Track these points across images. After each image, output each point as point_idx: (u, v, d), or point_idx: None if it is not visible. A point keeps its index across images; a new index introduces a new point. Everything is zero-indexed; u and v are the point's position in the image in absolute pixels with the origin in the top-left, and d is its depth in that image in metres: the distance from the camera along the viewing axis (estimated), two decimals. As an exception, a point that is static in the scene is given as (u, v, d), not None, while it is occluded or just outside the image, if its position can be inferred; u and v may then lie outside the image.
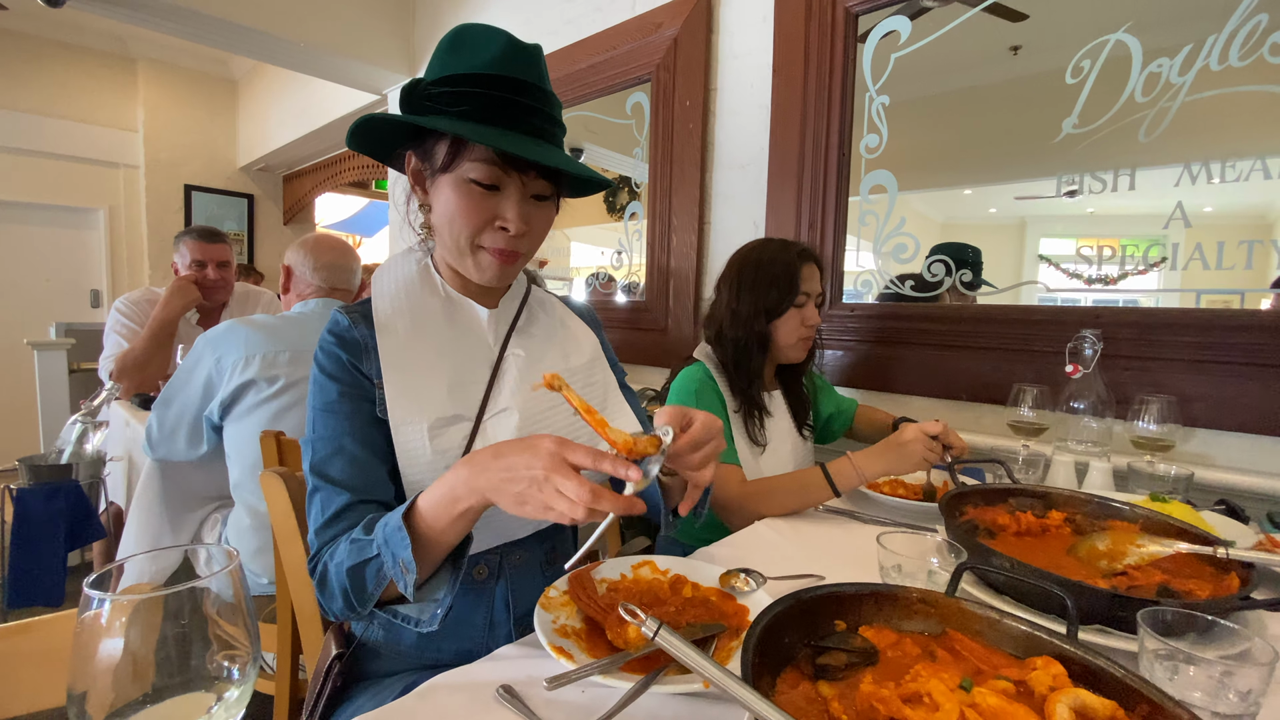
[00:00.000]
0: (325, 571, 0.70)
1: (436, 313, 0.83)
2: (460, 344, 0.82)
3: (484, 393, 0.80)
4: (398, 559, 0.63)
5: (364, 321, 0.80)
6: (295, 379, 1.52)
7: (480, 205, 0.76)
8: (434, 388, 0.77)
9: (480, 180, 0.74)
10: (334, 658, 0.79)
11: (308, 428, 0.77)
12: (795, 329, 1.32)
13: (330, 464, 0.74)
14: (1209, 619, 0.56)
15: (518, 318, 0.89)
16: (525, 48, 0.75)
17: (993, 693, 0.48)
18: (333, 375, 0.77)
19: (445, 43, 0.75)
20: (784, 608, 0.55)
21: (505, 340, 0.86)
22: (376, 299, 0.82)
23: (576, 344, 0.93)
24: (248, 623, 0.41)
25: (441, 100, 0.73)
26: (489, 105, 0.72)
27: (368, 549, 0.66)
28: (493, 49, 0.73)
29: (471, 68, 0.72)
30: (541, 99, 0.75)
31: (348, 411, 0.76)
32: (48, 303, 4.69)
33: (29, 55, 4.48)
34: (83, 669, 0.37)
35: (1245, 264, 1.19)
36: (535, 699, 0.56)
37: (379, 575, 0.66)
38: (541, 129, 0.76)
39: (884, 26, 1.61)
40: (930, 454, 1.08)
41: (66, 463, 1.81)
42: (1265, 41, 1.14)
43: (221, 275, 2.31)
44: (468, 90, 0.72)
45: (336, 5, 2.96)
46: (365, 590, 0.67)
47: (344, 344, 0.78)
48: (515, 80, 0.73)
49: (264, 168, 5.40)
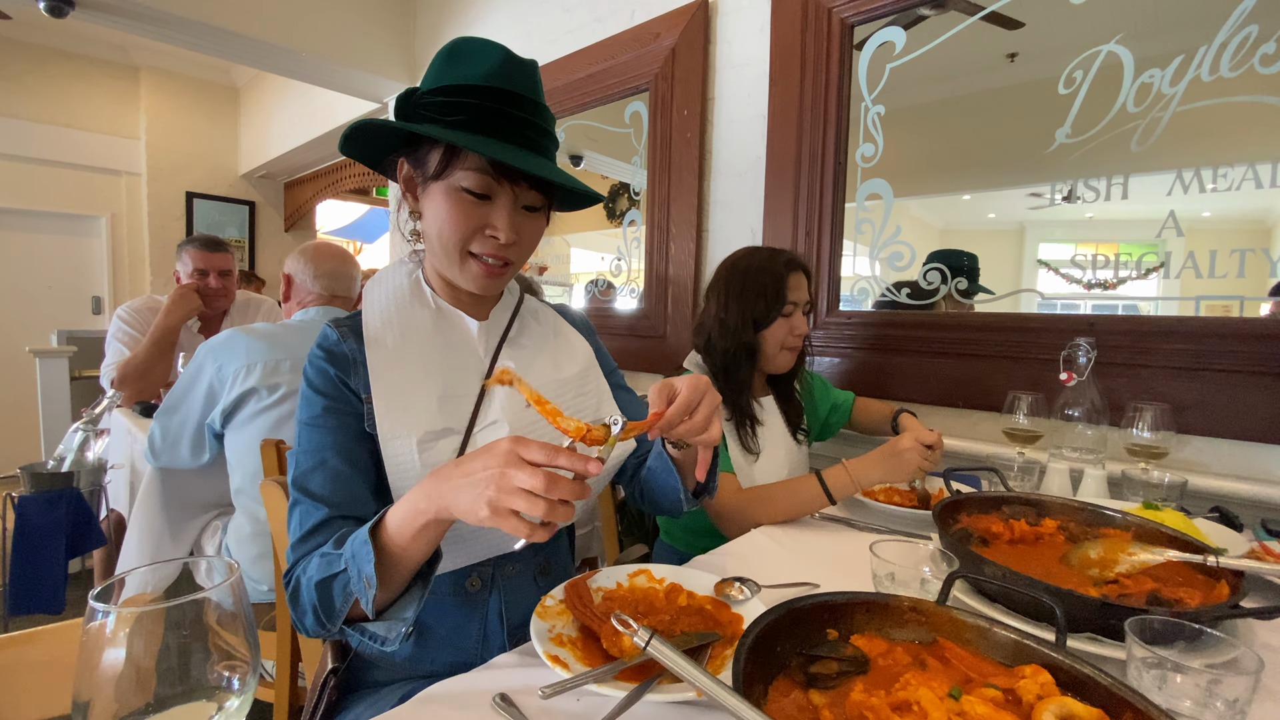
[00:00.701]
0: (298, 586, 0.69)
1: (427, 325, 0.83)
2: (450, 356, 0.82)
3: (474, 406, 0.80)
4: (361, 573, 0.62)
5: (353, 335, 0.80)
6: (296, 387, 1.52)
7: (471, 213, 0.76)
8: (424, 401, 0.77)
9: (472, 189, 0.75)
10: (329, 671, 0.79)
11: (295, 441, 0.78)
12: (783, 338, 1.32)
13: (311, 478, 0.73)
14: (1197, 627, 0.57)
15: (508, 329, 0.89)
16: (521, 62, 0.76)
17: (981, 701, 0.49)
18: (319, 389, 0.77)
19: (442, 55, 0.76)
20: (776, 617, 0.55)
21: (496, 352, 0.86)
22: (366, 312, 0.82)
23: (569, 354, 0.93)
24: (248, 634, 0.42)
25: (436, 109, 0.74)
26: (483, 115, 0.73)
27: (336, 563, 0.65)
28: (489, 61, 0.73)
29: (467, 79, 0.73)
30: (534, 111, 0.76)
31: (332, 426, 0.75)
32: (49, 310, 4.71)
33: (32, 64, 4.52)
34: (87, 679, 0.37)
35: (1238, 272, 1.20)
36: (531, 707, 0.57)
37: (346, 591, 0.64)
38: (534, 141, 0.76)
39: (879, 37, 1.62)
40: (926, 463, 1.09)
41: (68, 470, 1.82)
42: (1256, 52, 1.15)
43: (223, 284, 2.33)
44: (462, 100, 0.73)
45: (338, 15, 2.98)
46: (333, 606, 0.66)
47: (332, 358, 0.78)
48: (509, 93, 0.74)
49: (265, 175, 5.42)
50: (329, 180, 5.03)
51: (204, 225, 5.21)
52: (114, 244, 4.95)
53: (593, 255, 2.57)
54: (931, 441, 1.10)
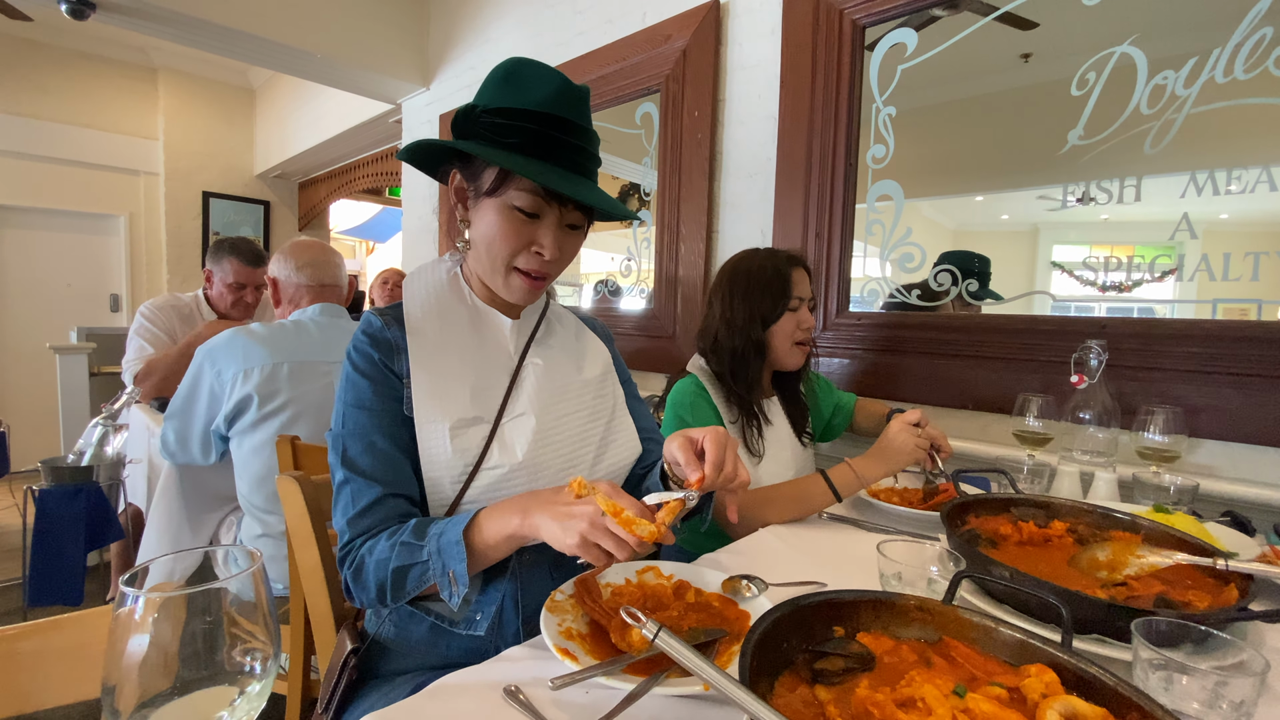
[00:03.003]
0: (362, 564, 0.75)
1: (463, 320, 0.88)
2: (483, 350, 0.88)
3: (503, 397, 0.86)
4: (448, 570, 0.69)
5: (395, 323, 0.85)
6: (296, 393, 1.52)
7: (520, 230, 0.82)
8: (457, 390, 0.83)
9: (523, 208, 0.81)
10: (349, 652, 0.83)
11: (336, 422, 0.82)
12: (791, 333, 1.33)
13: (362, 458, 0.79)
14: (1204, 629, 0.57)
15: (537, 329, 0.94)
16: (575, 89, 0.81)
17: (985, 699, 0.50)
18: (365, 373, 0.82)
19: (499, 74, 0.81)
20: (783, 613, 0.56)
21: (525, 350, 0.91)
22: (408, 303, 0.88)
23: (590, 357, 0.99)
24: (268, 621, 0.43)
25: (493, 129, 0.79)
26: (538, 140, 0.78)
27: (417, 553, 0.72)
28: (547, 88, 0.79)
29: (524, 103, 0.78)
30: (585, 138, 0.82)
31: (379, 409, 0.81)
32: (69, 307, 4.79)
33: (53, 66, 4.60)
34: (116, 663, 0.39)
35: (1251, 276, 1.19)
36: (541, 699, 0.58)
37: (422, 579, 0.72)
38: (582, 165, 0.82)
39: (891, 39, 1.62)
40: (920, 440, 1.11)
41: (87, 465, 1.86)
42: (1270, 54, 1.15)
43: (259, 297, 2.35)
44: (520, 125, 0.78)
45: (353, 19, 3.02)
46: (404, 589, 0.73)
47: (376, 343, 0.83)
48: (564, 120, 0.79)
49: (280, 175, 5.49)
50: (343, 180, 5.09)
51: (220, 225, 5.28)
52: (132, 243, 5.03)
53: (603, 255, 2.58)
54: (915, 419, 1.13)
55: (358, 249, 8.93)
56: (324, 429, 1.57)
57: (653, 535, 0.63)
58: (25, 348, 4.53)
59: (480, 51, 2.93)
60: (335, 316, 1.67)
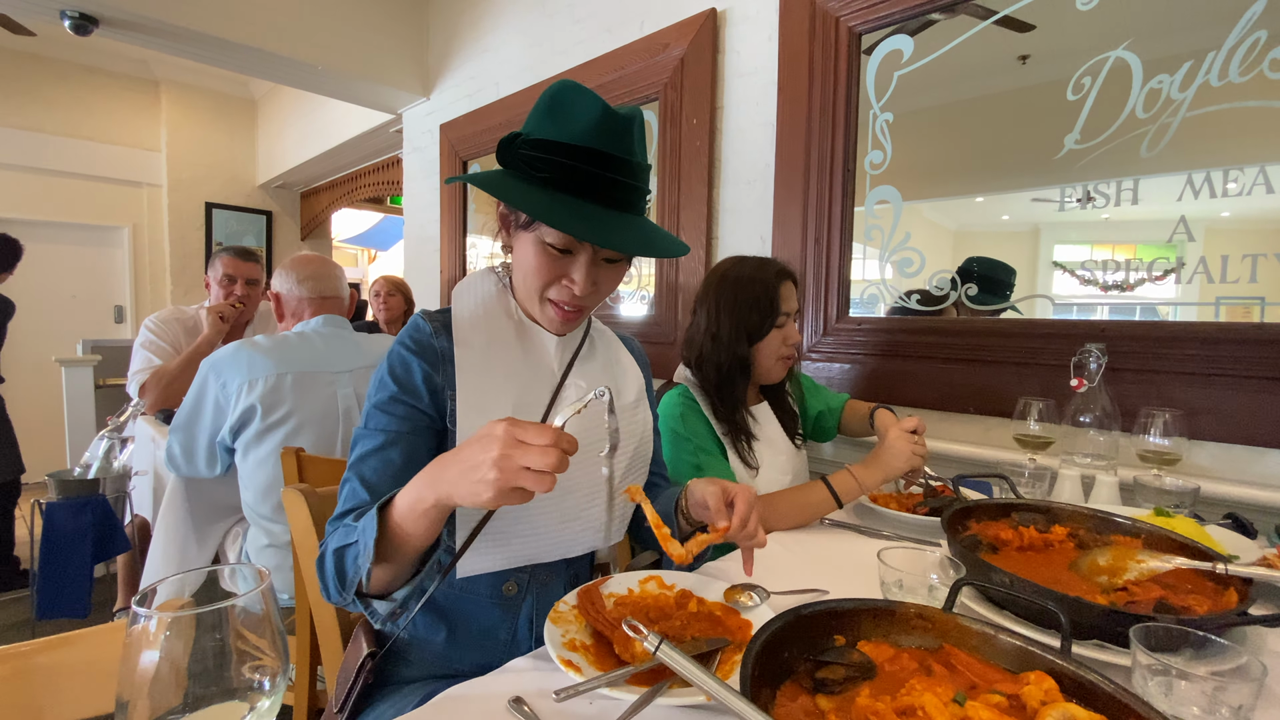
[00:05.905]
0: (324, 554, 0.75)
1: (510, 334, 0.88)
2: (528, 366, 0.87)
3: (543, 415, 0.86)
4: (364, 545, 0.67)
5: (444, 331, 0.85)
6: (300, 403, 1.54)
7: (553, 266, 0.81)
8: (500, 405, 0.82)
9: (555, 245, 0.80)
10: (366, 655, 0.82)
11: (361, 418, 0.83)
12: (777, 349, 1.31)
13: (368, 462, 0.79)
14: (1202, 634, 0.58)
15: (580, 346, 0.94)
16: (618, 117, 0.76)
17: (985, 706, 0.50)
18: (397, 377, 0.82)
19: (545, 102, 0.78)
20: (784, 623, 0.57)
21: (568, 368, 0.90)
22: (457, 313, 0.87)
23: (627, 380, 0.98)
24: (277, 638, 0.44)
25: (530, 162, 0.77)
26: (571, 176, 0.75)
27: (351, 534, 0.71)
28: (586, 119, 0.75)
29: (561, 136, 0.75)
30: (626, 172, 0.77)
31: (400, 415, 0.81)
32: (74, 319, 4.82)
33: (56, 79, 4.64)
34: (129, 679, 0.40)
35: (1250, 277, 1.19)
36: (545, 710, 0.59)
37: (356, 562, 0.70)
38: (621, 199, 0.78)
39: (887, 45, 1.63)
40: (917, 447, 1.12)
41: (94, 477, 1.87)
42: (1265, 57, 1.15)
43: (249, 292, 2.38)
44: (553, 159, 0.75)
45: (353, 30, 3.04)
46: (345, 574, 0.72)
47: (421, 350, 0.83)
48: (602, 154, 0.75)
49: (282, 185, 5.52)
50: (344, 189, 5.11)
51: (222, 235, 5.31)
52: (135, 254, 5.06)
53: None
54: (913, 426, 1.14)
55: (360, 257, 8.97)
56: (328, 439, 1.58)
57: (680, 559, 0.71)
58: (31, 360, 4.55)
59: (480, 61, 2.95)
60: (338, 327, 1.70)
